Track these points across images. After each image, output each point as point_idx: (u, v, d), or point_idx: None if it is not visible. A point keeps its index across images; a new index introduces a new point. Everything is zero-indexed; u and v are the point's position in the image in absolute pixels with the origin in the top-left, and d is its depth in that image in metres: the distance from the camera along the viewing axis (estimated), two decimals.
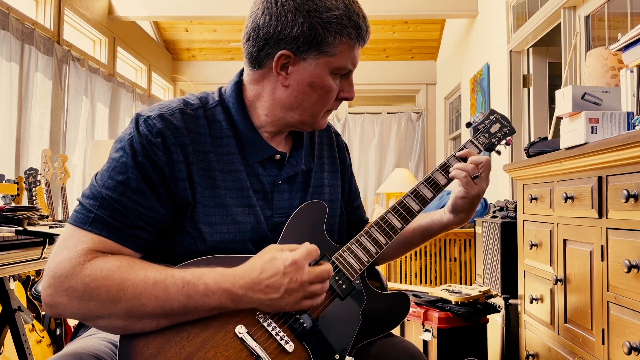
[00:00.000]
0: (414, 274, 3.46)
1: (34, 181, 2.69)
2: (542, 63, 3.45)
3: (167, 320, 0.85)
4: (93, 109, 4.29)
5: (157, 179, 0.90)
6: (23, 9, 3.46)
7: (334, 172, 1.16)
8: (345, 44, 0.95)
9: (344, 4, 0.94)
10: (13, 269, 1.71)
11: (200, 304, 0.85)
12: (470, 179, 1.09)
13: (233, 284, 0.86)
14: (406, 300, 1.08)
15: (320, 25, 0.92)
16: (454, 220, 1.15)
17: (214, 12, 4.62)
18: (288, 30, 0.92)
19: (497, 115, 1.24)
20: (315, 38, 0.92)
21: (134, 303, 0.82)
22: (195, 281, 0.85)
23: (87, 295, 0.82)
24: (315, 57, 0.94)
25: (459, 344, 2.00)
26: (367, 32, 0.99)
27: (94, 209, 0.87)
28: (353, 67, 1.00)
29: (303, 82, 0.96)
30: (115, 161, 0.90)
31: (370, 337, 1.02)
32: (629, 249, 1.18)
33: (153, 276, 0.84)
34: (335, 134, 1.21)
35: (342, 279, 1.00)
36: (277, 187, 1.03)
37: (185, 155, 0.93)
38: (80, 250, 0.85)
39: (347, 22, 0.94)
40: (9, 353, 2.06)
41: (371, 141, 6.25)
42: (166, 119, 0.93)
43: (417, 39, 5.88)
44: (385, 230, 1.06)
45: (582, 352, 1.43)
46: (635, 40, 1.39)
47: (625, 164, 1.21)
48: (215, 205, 0.95)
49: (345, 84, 1.01)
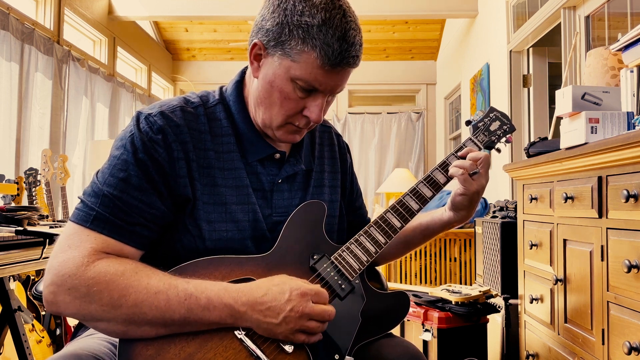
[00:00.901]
0: (414, 274, 3.46)
1: (34, 181, 2.69)
2: (542, 63, 3.45)
3: (165, 330, 0.85)
4: (93, 109, 4.29)
5: (157, 175, 0.91)
6: (23, 9, 3.46)
7: (334, 173, 1.16)
8: (308, 56, 0.89)
9: (325, 18, 0.88)
10: (13, 269, 1.71)
11: (200, 317, 0.84)
12: (468, 176, 1.08)
13: (236, 300, 0.86)
14: (406, 300, 1.08)
15: (289, 26, 0.89)
16: (455, 217, 1.14)
17: (214, 12, 4.63)
18: (265, 21, 0.93)
19: (496, 112, 1.23)
20: (281, 37, 0.90)
21: (134, 310, 0.82)
22: (198, 294, 0.85)
23: (89, 297, 0.82)
24: (280, 57, 0.92)
25: (459, 344, 2.00)
26: (342, 57, 0.89)
27: (96, 206, 0.88)
28: (320, 87, 0.93)
29: (266, 78, 0.94)
30: (116, 159, 0.91)
31: (370, 336, 1.02)
32: (629, 249, 1.18)
33: (156, 285, 0.84)
34: (337, 134, 1.21)
35: (341, 278, 0.99)
36: (277, 186, 1.03)
37: (186, 152, 0.93)
38: (84, 251, 0.85)
39: (316, 34, 0.88)
40: (9, 353, 2.06)
41: (371, 141, 6.25)
42: (167, 116, 0.94)
43: (417, 39, 5.88)
44: (385, 229, 1.06)
45: (582, 352, 1.43)
46: (635, 40, 1.39)
47: (625, 164, 1.21)
48: (215, 203, 0.95)
49: (310, 102, 0.95)
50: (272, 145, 1.03)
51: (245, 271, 0.94)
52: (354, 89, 6.37)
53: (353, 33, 0.90)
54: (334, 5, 0.90)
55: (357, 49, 0.92)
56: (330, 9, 0.89)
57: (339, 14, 0.89)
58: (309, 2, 0.89)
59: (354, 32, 0.91)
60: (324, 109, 0.98)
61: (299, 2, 0.89)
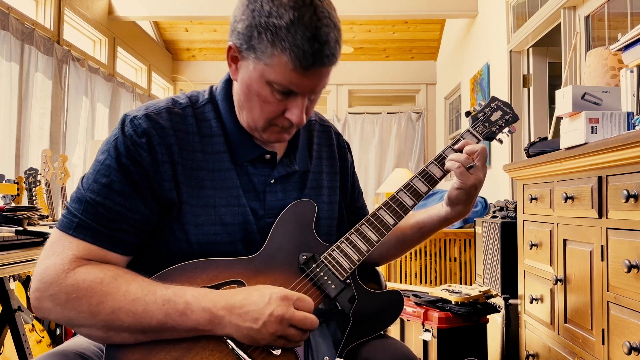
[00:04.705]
0: (414, 274, 3.47)
1: (34, 181, 2.69)
2: (542, 63, 3.45)
3: (145, 337, 0.84)
4: (93, 109, 4.29)
5: (140, 180, 0.90)
6: (23, 9, 3.46)
7: (334, 174, 1.13)
8: (280, 59, 0.84)
9: (294, 17, 0.82)
10: (13, 269, 1.71)
11: (178, 322, 0.83)
12: (464, 169, 1.04)
13: (215, 303, 0.83)
14: (399, 299, 1.04)
15: (257, 29, 0.84)
16: (452, 213, 1.10)
17: (214, 12, 4.62)
18: (237, 23, 0.89)
19: (498, 102, 1.18)
20: (252, 40, 0.86)
21: (112, 317, 0.82)
22: (177, 299, 0.83)
23: (69, 304, 0.83)
24: (254, 61, 0.87)
25: (459, 344, 2.00)
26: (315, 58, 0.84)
27: (79, 213, 0.87)
28: (297, 90, 0.88)
29: (244, 82, 0.92)
30: (100, 164, 0.90)
31: (362, 337, 0.99)
32: (629, 249, 1.18)
33: (134, 292, 0.83)
34: (336, 134, 1.19)
35: (331, 278, 0.97)
36: (270, 187, 1.01)
37: (171, 154, 0.92)
38: (65, 258, 0.85)
39: (285, 36, 0.82)
40: (9, 353, 2.06)
41: (371, 141, 6.25)
42: (152, 119, 0.92)
43: (417, 39, 5.88)
44: (377, 226, 1.03)
45: (582, 352, 1.43)
46: (635, 40, 1.39)
47: (625, 164, 1.21)
48: (203, 206, 0.94)
49: (291, 104, 0.91)
50: (261, 146, 1.00)
51: (233, 273, 0.92)
52: (354, 89, 6.37)
53: (326, 30, 0.84)
54: (304, 2, 0.83)
55: (332, 46, 0.85)
56: (299, 6, 0.83)
57: (308, 11, 0.83)
58: (277, 1, 0.83)
59: (327, 30, 0.84)
60: (309, 107, 0.95)
61: (266, 2, 0.84)
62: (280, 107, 0.91)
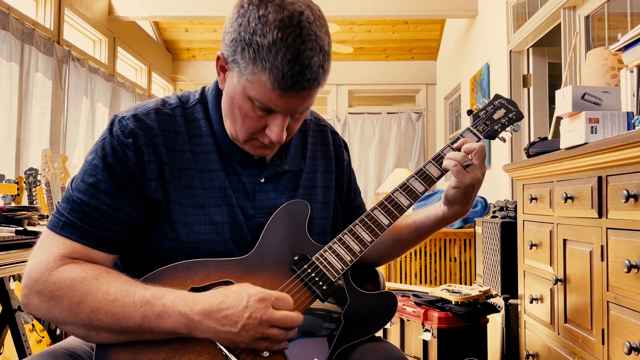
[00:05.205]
0: (414, 274, 3.47)
1: (34, 181, 2.69)
2: (542, 63, 3.46)
3: (124, 337, 0.84)
4: (93, 109, 4.30)
5: (126, 179, 0.90)
6: (23, 9, 3.46)
7: (329, 173, 1.11)
8: (260, 77, 0.83)
9: (276, 38, 0.80)
10: (13, 269, 1.71)
11: (155, 325, 0.82)
12: (461, 168, 1.01)
13: (191, 308, 0.82)
14: (392, 300, 1.02)
15: (241, 44, 0.83)
16: (449, 213, 1.08)
17: (214, 12, 4.63)
18: (226, 34, 0.88)
19: (501, 100, 1.15)
20: (235, 54, 0.85)
21: (91, 317, 0.82)
22: (154, 301, 0.82)
23: (53, 302, 0.84)
24: (238, 74, 0.87)
25: (459, 344, 2.00)
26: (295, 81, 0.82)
27: (66, 212, 0.89)
28: (277, 109, 0.87)
29: (228, 93, 0.91)
30: (87, 164, 0.92)
31: (353, 339, 0.96)
32: (629, 249, 1.18)
33: (114, 292, 0.83)
34: (332, 132, 1.17)
35: (322, 279, 0.94)
36: (260, 187, 1.00)
37: (158, 155, 0.92)
38: (50, 256, 0.86)
39: (266, 56, 0.81)
40: (9, 353, 2.06)
41: (371, 141, 6.25)
42: (139, 119, 0.93)
43: (417, 39, 5.88)
44: (371, 227, 1.00)
45: (582, 352, 1.43)
46: (635, 40, 1.39)
47: (625, 164, 1.21)
48: (192, 205, 0.94)
49: (271, 122, 0.89)
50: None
51: (225, 273, 0.91)
52: (354, 89, 6.37)
53: (309, 54, 0.81)
54: (291, 22, 0.81)
55: (315, 70, 0.83)
56: (284, 26, 0.80)
57: (293, 33, 0.80)
58: (264, 18, 0.81)
59: (311, 53, 0.82)
60: (292, 125, 0.93)
61: (253, 18, 0.82)
62: (260, 123, 0.90)
